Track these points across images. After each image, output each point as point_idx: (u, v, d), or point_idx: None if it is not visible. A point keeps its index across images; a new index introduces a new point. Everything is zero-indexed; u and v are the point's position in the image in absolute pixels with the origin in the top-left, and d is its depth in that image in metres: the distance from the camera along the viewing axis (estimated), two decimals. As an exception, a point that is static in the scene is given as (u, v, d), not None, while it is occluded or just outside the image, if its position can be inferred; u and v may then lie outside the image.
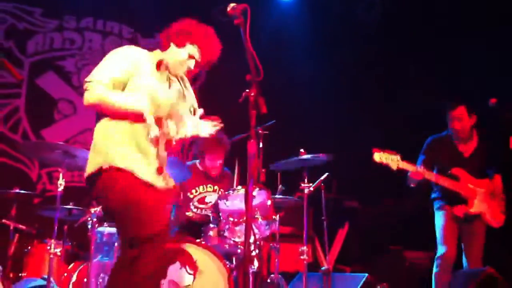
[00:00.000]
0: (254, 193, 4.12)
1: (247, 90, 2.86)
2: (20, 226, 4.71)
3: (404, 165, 4.39)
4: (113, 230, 4.31)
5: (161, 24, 3.30)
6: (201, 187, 4.93)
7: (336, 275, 4.74)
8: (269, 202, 4.30)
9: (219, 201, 4.26)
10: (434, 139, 4.81)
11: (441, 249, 4.54)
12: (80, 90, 6.45)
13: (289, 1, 7.23)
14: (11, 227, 4.65)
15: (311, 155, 4.58)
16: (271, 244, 4.57)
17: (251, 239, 4.04)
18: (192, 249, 3.98)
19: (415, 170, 4.43)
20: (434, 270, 4.55)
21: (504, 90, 4.89)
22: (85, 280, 4.09)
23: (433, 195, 4.78)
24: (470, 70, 6.05)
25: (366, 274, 4.62)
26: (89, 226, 4.27)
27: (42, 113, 6.27)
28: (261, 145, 4.50)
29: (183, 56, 3.15)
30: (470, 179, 4.60)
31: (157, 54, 3.17)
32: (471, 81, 5.87)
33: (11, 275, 4.46)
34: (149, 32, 6.79)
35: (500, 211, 4.63)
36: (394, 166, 4.36)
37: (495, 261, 4.42)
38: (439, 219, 4.65)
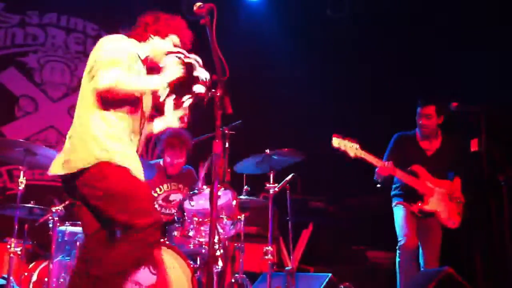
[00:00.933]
0: (220, 193, 4.12)
1: (213, 90, 2.86)
2: (-22, 225, 4.60)
3: (363, 154, 4.43)
4: (75, 229, 4.24)
5: (126, 20, 3.27)
6: (165, 185, 4.91)
7: (300, 275, 4.76)
8: (234, 202, 4.30)
9: (183, 201, 4.24)
10: (400, 135, 4.89)
11: (401, 240, 4.61)
12: (42, 87, 6.37)
13: (256, 1, 7.26)
14: (-31, 226, 4.54)
15: (277, 154, 4.61)
16: (235, 244, 4.57)
17: (216, 239, 4.03)
18: (156, 250, 3.95)
19: (381, 164, 4.49)
20: (397, 259, 4.62)
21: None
22: (46, 279, 4.02)
23: (393, 192, 4.86)
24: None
25: (330, 274, 4.66)
26: (51, 225, 4.20)
27: (2, 110, 6.13)
28: (227, 145, 4.50)
29: (167, 46, 3.13)
30: (429, 178, 4.69)
31: (143, 47, 3.12)
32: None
33: (-33, 275, 4.35)
34: (113, 29, 6.68)
35: (457, 213, 4.72)
36: (351, 153, 4.39)
37: (453, 262, 4.51)
38: (398, 213, 4.73)
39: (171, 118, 3.22)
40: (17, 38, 6.37)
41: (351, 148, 4.40)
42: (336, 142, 4.40)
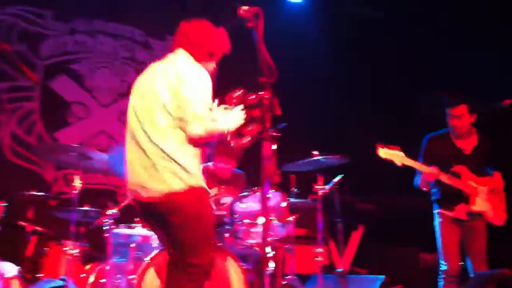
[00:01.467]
0: (269, 195, 4.15)
1: (260, 93, 2.89)
2: (37, 228, 4.75)
3: (409, 162, 4.40)
4: (130, 231, 4.35)
5: (172, 26, 3.33)
6: (215, 189, 4.96)
7: (352, 277, 4.74)
8: (283, 204, 4.33)
9: (234, 203, 4.30)
10: (432, 137, 4.76)
11: (443, 265, 4.51)
12: (92, 93, 6.54)
13: (298, 2, 7.28)
14: (28, 229, 4.69)
15: (324, 157, 4.62)
16: (286, 246, 4.59)
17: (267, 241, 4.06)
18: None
19: (428, 170, 4.42)
20: (439, 283, 4.53)
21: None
22: (102, 281, 4.13)
23: (433, 197, 4.72)
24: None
25: (383, 276, 4.61)
26: (106, 228, 4.31)
27: (56, 116, 6.30)
28: (275, 147, 4.52)
29: (212, 67, 3.30)
30: (472, 177, 4.57)
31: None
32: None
33: (28, 276, 4.49)
34: (160, 35, 6.84)
35: (502, 209, 4.61)
36: (398, 162, 4.37)
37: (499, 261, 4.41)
38: (438, 228, 4.60)
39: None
40: (68, 45, 6.55)
41: (397, 156, 4.38)
42: (382, 152, 4.39)
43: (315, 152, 4.66)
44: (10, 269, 4.00)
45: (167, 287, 3.06)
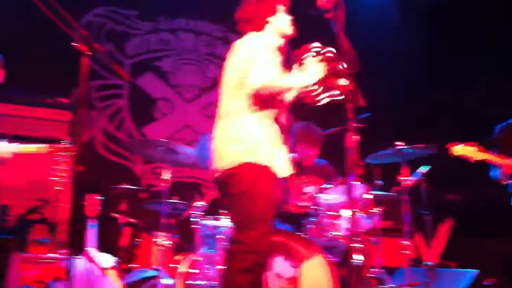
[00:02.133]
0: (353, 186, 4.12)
1: (343, 83, 2.87)
2: (130, 219, 4.98)
3: (484, 156, 4.24)
4: (217, 223, 4.46)
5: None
6: (298, 178, 5.00)
7: (441, 271, 4.64)
8: (368, 196, 4.30)
9: (318, 195, 4.31)
10: (502, 127, 4.57)
11: None
12: (177, 89, 6.75)
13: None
14: (122, 221, 4.93)
15: (410, 147, 4.53)
16: (371, 238, 4.55)
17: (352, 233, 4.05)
18: (294, 242, 4.05)
19: (507, 163, 4.25)
20: None
21: None
22: (193, 271, 4.26)
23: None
24: None
25: (476, 270, 4.48)
26: (194, 219, 4.44)
27: (143, 112, 6.56)
28: (358, 138, 4.48)
29: (283, 20, 3.17)
30: None
31: (269, 35, 3.15)
32: None
33: (123, 266, 4.72)
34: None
35: None
36: (473, 158, 4.22)
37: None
38: None
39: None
40: (152, 43, 6.79)
41: (471, 152, 4.24)
42: (455, 150, 4.26)
43: (399, 143, 4.58)
44: (108, 259, 4.21)
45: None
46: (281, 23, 3.18)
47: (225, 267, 2.94)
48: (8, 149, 3.69)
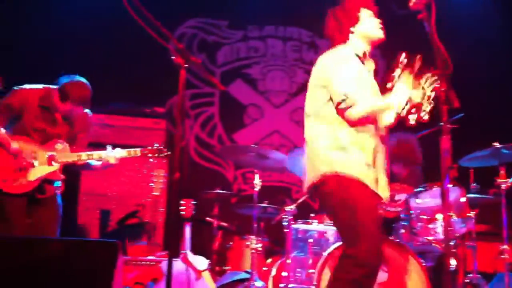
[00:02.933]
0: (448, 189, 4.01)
1: (436, 85, 2.81)
2: (222, 223, 5.13)
3: None
4: (308, 227, 4.50)
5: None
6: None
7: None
8: (462, 199, 4.16)
9: (409, 199, 4.23)
10: None
11: None
12: (265, 95, 6.86)
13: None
14: (215, 224, 5.08)
15: (507, 148, 4.33)
16: (466, 243, 4.41)
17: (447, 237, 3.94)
18: (385, 247, 4.00)
19: None
20: None
21: None
22: (284, 274, 4.33)
23: None
24: None
25: None
26: (285, 223, 4.50)
27: (233, 119, 6.73)
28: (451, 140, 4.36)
29: (369, 26, 3.14)
30: None
31: (353, 45, 3.14)
32: None
33: (217, 268, 4.87)
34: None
35: None
36: None
37: None
38: None
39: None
40: (241, 52, 6.95)
41: None
42: None
43: (496, 144, 4.39)
44: (202, 262, 4.35)
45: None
46: (367, 29, 3.16)
47: (333, 277, 2.96)
48: (113, 154, 3.92)
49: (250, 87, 6.84)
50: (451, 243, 4.02)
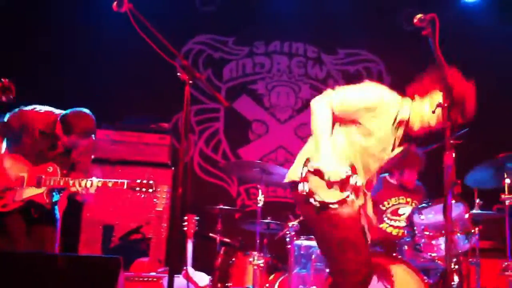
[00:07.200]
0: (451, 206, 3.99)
1: (439, 101, 2.81)
2: (225, 239, 5.12)
3: None
4: (310, 243, 4.48)
5: (345, 41, 3.37)
6: (393, 199, 4.93)
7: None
8: (466, 215, 4.14)
9: (413, 215, 4.21)
10: None
11: None
12: (270, 111, 6.88)
13: (473, 1, 6.90)
14: (218, 240, 5.07)
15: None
16: (470, 259, 4.37)
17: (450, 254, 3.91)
18: (388, 263, 3.98)
19: None
20: None
21: None
22: (286, 291, 4.31)
23: None
24: None
25: None
26: (287, 239, 4.49)
27: (238, 134, 6.75)
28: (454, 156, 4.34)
29: (425, 109, 3.09)
30: None
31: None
32: None
33: (218, 285, 4.84)
34: (332, 49, 6.98)
35: None
36: None
37: None
38: None
39: None
40: (247, 67, 6.99)
41: None
42: None
43: (499, 156, 4.38)
44: (203, 278, 4.35)
45: None
46: (423, 111, 3.11)
47: None
48: (94, 184, 3.82)
49: (255, 102, 6.87)
50: (455, 260, 4.00)
